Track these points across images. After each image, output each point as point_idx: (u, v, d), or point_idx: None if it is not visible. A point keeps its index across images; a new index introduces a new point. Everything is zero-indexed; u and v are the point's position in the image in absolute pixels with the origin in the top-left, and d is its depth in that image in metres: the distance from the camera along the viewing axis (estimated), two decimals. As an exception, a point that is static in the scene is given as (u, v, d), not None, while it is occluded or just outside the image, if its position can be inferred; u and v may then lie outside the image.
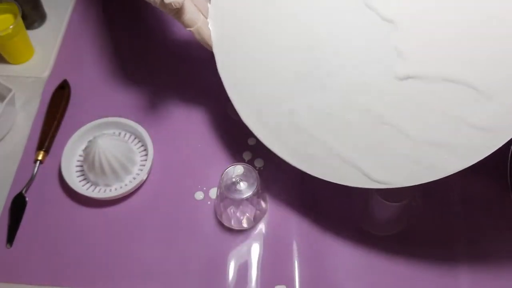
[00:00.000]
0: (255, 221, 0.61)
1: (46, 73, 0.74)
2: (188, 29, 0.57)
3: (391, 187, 0.51)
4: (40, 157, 0.66)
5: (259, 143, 0.59)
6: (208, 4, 0.58)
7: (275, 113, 0.57)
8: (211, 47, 0.59)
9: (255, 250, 0.60)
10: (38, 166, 0.66)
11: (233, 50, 0.58)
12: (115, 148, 0.61)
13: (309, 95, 0.55)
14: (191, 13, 0.56)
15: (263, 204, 0.60)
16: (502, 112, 0.46)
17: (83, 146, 0.65)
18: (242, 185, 0.57)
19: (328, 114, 0.54)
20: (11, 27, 0.69)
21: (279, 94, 0.57)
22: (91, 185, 0.64)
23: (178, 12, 0.55)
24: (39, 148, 0.67)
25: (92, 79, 0.74)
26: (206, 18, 0.58)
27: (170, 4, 0.52)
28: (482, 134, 0.47)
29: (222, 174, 0.57)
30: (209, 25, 0.58)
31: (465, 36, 0.48)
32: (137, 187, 0.63)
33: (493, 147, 0.46)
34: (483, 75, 0.47)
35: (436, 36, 0.50)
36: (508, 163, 0.65)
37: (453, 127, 0.48)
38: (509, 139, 0.45)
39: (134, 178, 0.64)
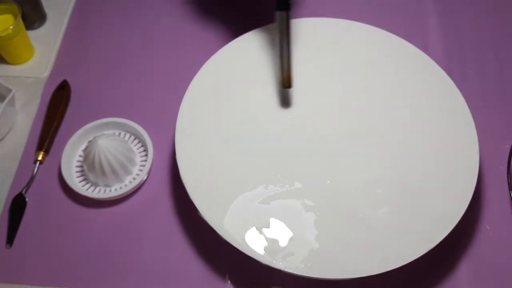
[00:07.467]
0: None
1: (46, 73, 0.74)
2: None
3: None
4: (40, 157, 0.66)
5: None
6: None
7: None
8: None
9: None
10: (38, 166, 0.66)
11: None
12: (115, 148, 0.61)
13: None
14: None
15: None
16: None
17: (83, 146, 0.66)
18: None
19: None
20: (11, 27, 0.69)
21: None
22: (91, 185, 0.64)
23: None
24: (39, 148, 0.67)
25: (92, 79, 0.74)
26: None
27: None
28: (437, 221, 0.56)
29: None
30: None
31: None
32: (137, 187, 0.63)
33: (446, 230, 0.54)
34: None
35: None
36: (508, 163, 0.65)
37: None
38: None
39: (134, 179, 0.64)
